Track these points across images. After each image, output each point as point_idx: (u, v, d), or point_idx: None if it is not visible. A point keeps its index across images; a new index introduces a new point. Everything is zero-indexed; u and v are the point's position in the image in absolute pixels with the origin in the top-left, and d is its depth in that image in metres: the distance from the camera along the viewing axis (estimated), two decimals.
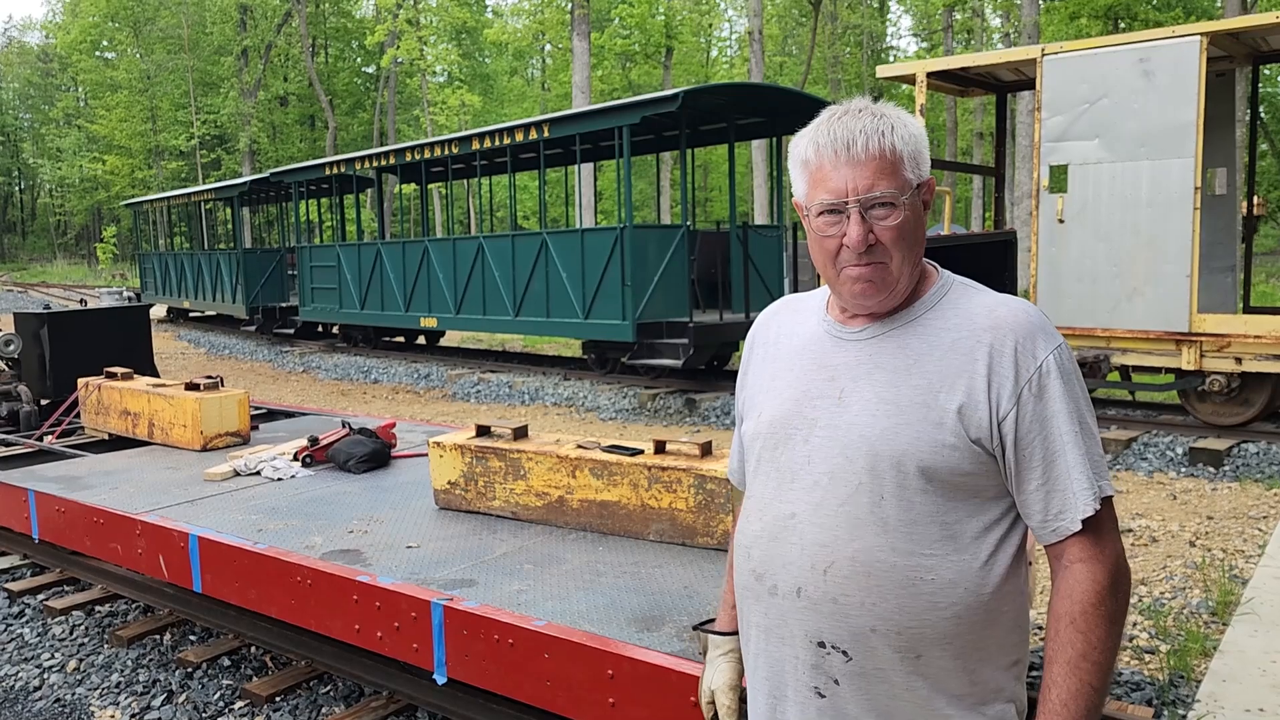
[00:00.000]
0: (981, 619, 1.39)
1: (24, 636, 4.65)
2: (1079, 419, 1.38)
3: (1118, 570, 1.40)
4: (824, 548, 1.41)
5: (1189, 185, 7.49)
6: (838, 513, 1.41)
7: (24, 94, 63.11)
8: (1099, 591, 1.37)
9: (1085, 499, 1.37)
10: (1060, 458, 1.37)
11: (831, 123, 1.42)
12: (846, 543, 1.40)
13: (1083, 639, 1.36)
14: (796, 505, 1.45)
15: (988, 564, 1.40)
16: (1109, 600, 1.38)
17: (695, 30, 38.35)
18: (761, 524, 1.50)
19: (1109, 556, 1.39)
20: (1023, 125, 19.41)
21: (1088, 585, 1.37)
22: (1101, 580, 1.38)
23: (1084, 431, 1.39)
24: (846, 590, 1.39)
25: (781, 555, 1.46)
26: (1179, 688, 3.76)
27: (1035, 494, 1.39)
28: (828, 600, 1.40)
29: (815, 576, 1.41)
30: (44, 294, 32.22)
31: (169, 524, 3.83)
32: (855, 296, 1.45)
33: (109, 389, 5.78)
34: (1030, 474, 1.38)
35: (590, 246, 11.31)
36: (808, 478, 1.44)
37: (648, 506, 3.47)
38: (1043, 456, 1.37)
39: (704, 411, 10.40)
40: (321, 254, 16.73)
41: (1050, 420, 1.37)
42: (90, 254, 53.46)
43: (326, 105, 40.46)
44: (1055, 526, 1.39)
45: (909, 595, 1.37)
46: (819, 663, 1.43)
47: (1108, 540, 1.39)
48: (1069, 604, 1.38)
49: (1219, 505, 6.43)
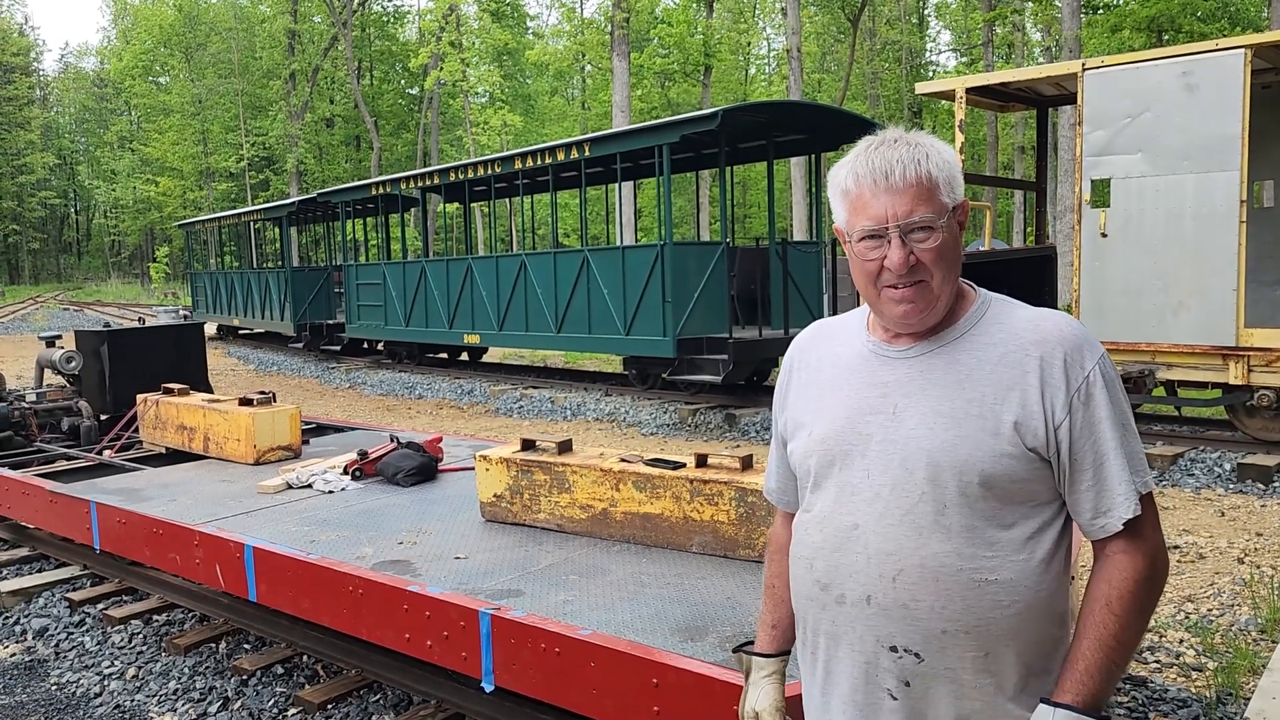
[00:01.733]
0: (1040, 614, 1.48)
1: (85, 644, 4.80)
2: (1122, 423, 1.49)
3: (1155, 563, 1.49)
4: (890, 556, 1.49)
5: (1234, 198, 7.41)
6: (902, 522, 1.48)
7: (80, 118, 64.95)
8: (1137, 580, 1.47)
9: (1128, 500, 1.47)
10: (1107, 460, 1.47)
11: (870, 153, 1.50)
12: (913, 550, 1.47)
13: (1116, 621, 1.45)
14: (859, 517, 1.52)
15: (1044, 562, 1.49)
16: (1143, 590, 1.47)
17: (733, 49, 38.48)
18: (823, 536, 1.57)
19: (1149, 549, 1.49)
20: (1064, 139, 19.22)
21: (1127, 574, 1.47)
22: (1140, 570, 1.48)
23: (1127, 434, 1.49)
24: (917, 595, 1.47)
25: (848, 565, 1.53)
26: (1227, 705, 3.73)
27: (1086, 494, 1.49)
28: (898, 606, 1.48)
29: (884, 584, 1.49)
30: (101, 312, 33.01)
31: (225, 535, 3.95)
32: (899, 317, 1.53)
33: (166, 404, 5.96)
34: (1082, 476, 1.48)
35: (631, 263, 11.40)
36: (868, 490, 1.52)
37: (690, 519, 3.52)
38: (1092, 460, 1.47)
39: (744, 426, 10.42)
40: (367, 272, 17.01)
41: (1098, 425, 1.47)
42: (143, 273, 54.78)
43: (371, 126, 41.16)
44: (1103, 524, 1.49)
45: (975, 596, 1.45)
46: (891, 666, 1.50)
47: (1148, 535, 1.49)
48: (1107, 588, 1.48)
49: (1268, 522, 6.33)
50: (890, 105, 39.96)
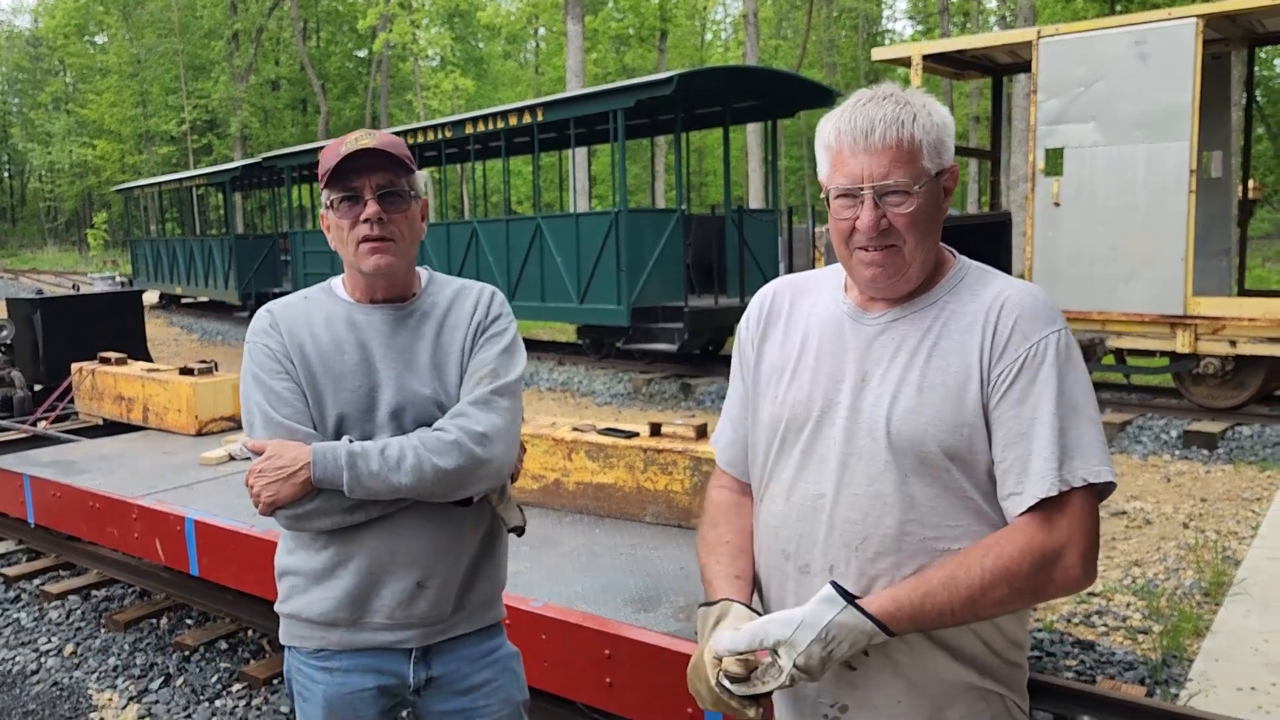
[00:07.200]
0: None
1: (20, 621, 4.65)
2: (1069, 403, 1.37)
3: (1060, 558, 1.35)
4: (854, 525, 1.45)
5: (1185, 168, 7.49)
6: (866, 491, 1.44)
7: (12, 78, 62.66)
8: (1030, 554, 1.34)
9: (1044, 480, 1.35)
10: (1033, 437, 1.37)
11: (855, 108, 1.44)
12: (877, 520, 1.43)
13: (978, 567, 1.34)
14: (824, 486, 1.48)
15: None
16: (1031, 569, 1.34)
17: (690, 13, 38.17)
18: (788, 504, 1.53)
19: (1056, 540, 1.35)
20: (1018, 109, 19.37)
21: (1021, 542, 1.35)
22: (1040, 548, 1.34)
23: (1073, 415, 1.37)
24: (880, 566, 1.43)
25: (811, 534, 1.49)
26: (1172, 667, 3.79)
27: (1008, 470, 1.39)
28: (862, 577, 1.44)
29: (848, 554, 1.45)
30: (35, 280, 32.06)
31: (165, 508, 3.83)
32: (868, 280, 1.48)
33: (103, 374, 5.77)
34: (1007, 450, 1.39)
35: (585, 231, 11.28)
36: (835, 459, 1.47)
37: (644, 489, 3.47)
38: (1016, 433, 1.38)
39: (699, 396, 10.41)
40: (315, 239, 16.67)
41: (1030, 399, 1.38)
42: (81, 240, 53.18)
43: (318, 89, 40.22)
44: (1007, 505, 1.39)
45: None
46: None
47: (1061, 527, 1.35)
48: (994, 539, 1.37)
49: (1213, 487, 6.46)
50: (847, 73, 39.98)
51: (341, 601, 1.78)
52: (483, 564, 1.88)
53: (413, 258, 1.86)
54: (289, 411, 1.74)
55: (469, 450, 1.71)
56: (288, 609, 1.85)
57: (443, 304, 1.87)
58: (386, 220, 1.76)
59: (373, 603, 1.78)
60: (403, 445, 1.70)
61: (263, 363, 1.78)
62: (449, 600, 1.82)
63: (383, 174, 1.76)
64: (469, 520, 1.83)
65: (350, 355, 1.79)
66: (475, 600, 1.88)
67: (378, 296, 1.84)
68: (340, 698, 1.82)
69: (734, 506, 1.68)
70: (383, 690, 1.84)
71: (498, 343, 1.84)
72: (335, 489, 1.68)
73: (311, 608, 1.80)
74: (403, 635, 1.81)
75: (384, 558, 1.77)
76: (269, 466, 1.68)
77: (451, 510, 1.79)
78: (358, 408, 1.77)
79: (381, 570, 1.77)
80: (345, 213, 1.77)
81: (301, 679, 1.86)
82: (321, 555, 1.78)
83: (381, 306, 1.84)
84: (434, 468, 1.69)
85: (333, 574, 1.78)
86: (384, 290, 1.83)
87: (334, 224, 1.80)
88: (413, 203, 1.82)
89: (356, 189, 1.76)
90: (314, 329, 1.80)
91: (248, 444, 1.76)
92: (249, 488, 1.71)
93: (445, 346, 1.83)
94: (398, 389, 1.78)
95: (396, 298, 1.85)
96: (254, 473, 1.70)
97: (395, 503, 1.74)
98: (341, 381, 1.77)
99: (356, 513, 1.73)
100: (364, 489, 1.68)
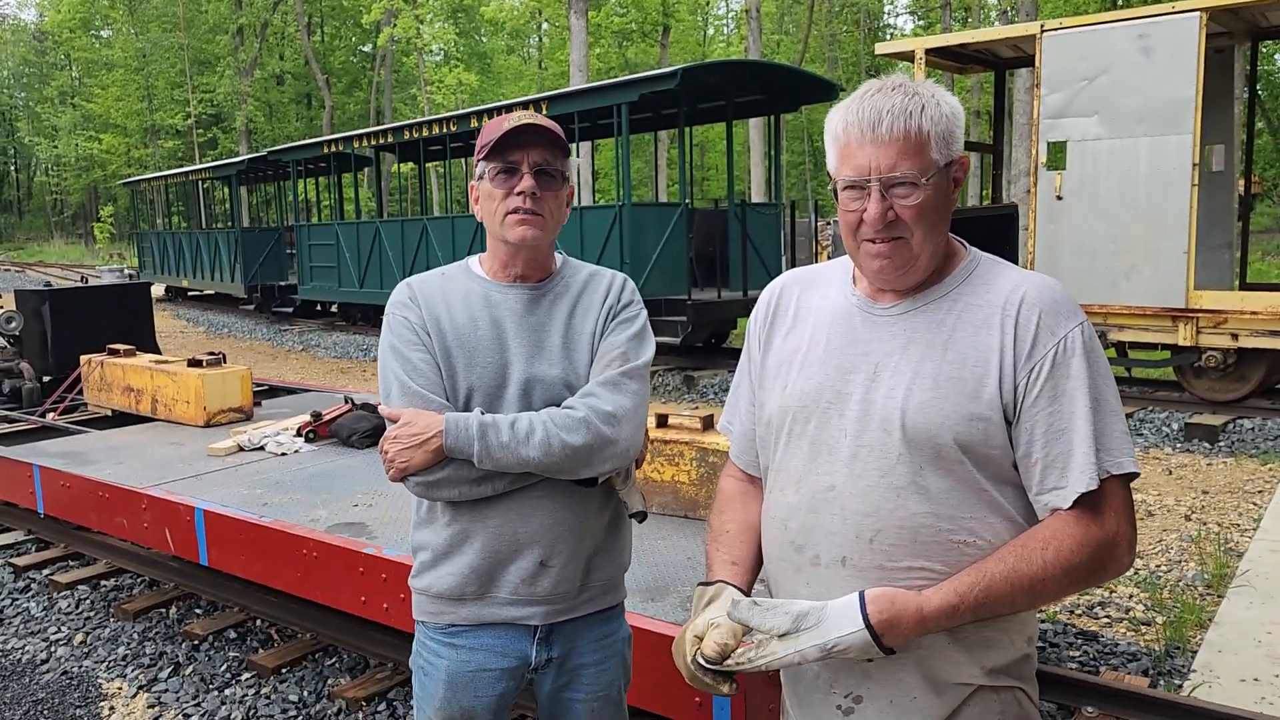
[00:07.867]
0: None
1: (30, 610, 4.69)
2: (1095, 396, 1.39)
3: (1115, 547, 1.39)
4: (868, 517, 1.44)
5: (1187, 162, 7.50)
6: (879, 483, 1.44)
7: (19, 73, 62.65)
8: (1085, 545, 1.37)
9: (1084, 475, 1.37)
10: (1067, 432, 1.38)
11: (864, 99, 1.43)
12: (891, 512, 1.43)
13: (1039, 560, 1.36)
14: (835, 477, 1.47)
15: (1024, 525, 1.43)
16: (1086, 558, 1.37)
17: (692, 8, 38.12)
18: (798, 496, 1.52)
19: (1109, 531, 1.38)
20: (1020, 103, 19.32)
21: (1079, 535, 1.37)
22: (1093, 540, 1.38)
23: (1100, 408, 1.39)
24: (894, 557, 1.43)
25: (823, 526, 1.48)
26: (1175, 658, 3.81)
27: (1035, 465, 1.40)
28: (874, 568, 1.44)
29: (861, 545, 1.45)
30: (42, 273, 32.12)
31: (175, 498, 3.86)
32: (875, 272, 1.48)
33: (112, 365, 5.80)
34: (1033, 445, 1.40)
35: (589, 224, 11.30)
36: (845, 450, 1.47)
37: (650, 480, 3.50)
38: (1047, 430, 1.39)
39: (702, 389, 10.44)
40: (320, 233, 16.69)
41: (1063, 395, 1.39)
42: (87, 233, 53.21)
43: (323, 84, 40.20)
44: (1047, 500, 1.41)
45: (955, 557, 1.41)
46: None
47: (1109, 517, 1.39)
48: (1047, 532, 1.38)
49: (1214, 480, 6.48)
50: (848, 68, 39.89)
51: (468, 577, 1.81)
52: (607, 546, 1.91)
53: (554, 239, 1.90)
54: (424, 382, 1.78)
55: (596, 429, 1.74)
56: (419, 584, 1.89)
57: (576, 287, 1.91)
58: (540, 196, 1.80)
59: (498, 578, 1.82)
60: (532, 420, 1.74)
61: (400, 334, 1.82)
62: (572, 580, 1.85)
63: (540, 151, 1.81)
64: (594, 501, 1.86)
65: (484, 332, 1.82)
66: (598, 581, 1.90)
67: (516, 273, 1.87)
68: (463, 675, 1.85)
69: (740, 496, 1.70)
70: (505, 673, 1.86)
71: (628, 327, 1.88)
72: (465, 459, 1.72)
73: (440, 583, 1.84)
74: (528, 611, 1.84)
75: (507, 535, 1.80)
76: (403, 433, 1.72)
77: (576, 491, 1.82)
78: (488, 383, 1.81)
79: (505, 547, 1.80)
80: (501, 184, 1.81)
81: (426, 654, 1.89)
82: (448, 530, 1.82)
83: (517, 286, 1.87)
84: (562, 443, 1.72)
85: (459, 549, 1.82)
86: (524, 265, 1.87)
87: (486, 194, 1.84)
88: (564, 185, 1.87)
89: (515, 163, 1.80)
90: (450, 304, 1.84)
91: (383, 411, 1.80)
92: (382, 454, 1.75)
93: (577, 328, 1.87)
94: (528, 367, 1.82)
95: (534, 276, 1.88)
96: (389, 439, 1.73)
97: (521, 478, 1.77)
98: (474, 357, 1.81)
99: (484, 484, 1.76)
100: (493, 460, 1.71)
